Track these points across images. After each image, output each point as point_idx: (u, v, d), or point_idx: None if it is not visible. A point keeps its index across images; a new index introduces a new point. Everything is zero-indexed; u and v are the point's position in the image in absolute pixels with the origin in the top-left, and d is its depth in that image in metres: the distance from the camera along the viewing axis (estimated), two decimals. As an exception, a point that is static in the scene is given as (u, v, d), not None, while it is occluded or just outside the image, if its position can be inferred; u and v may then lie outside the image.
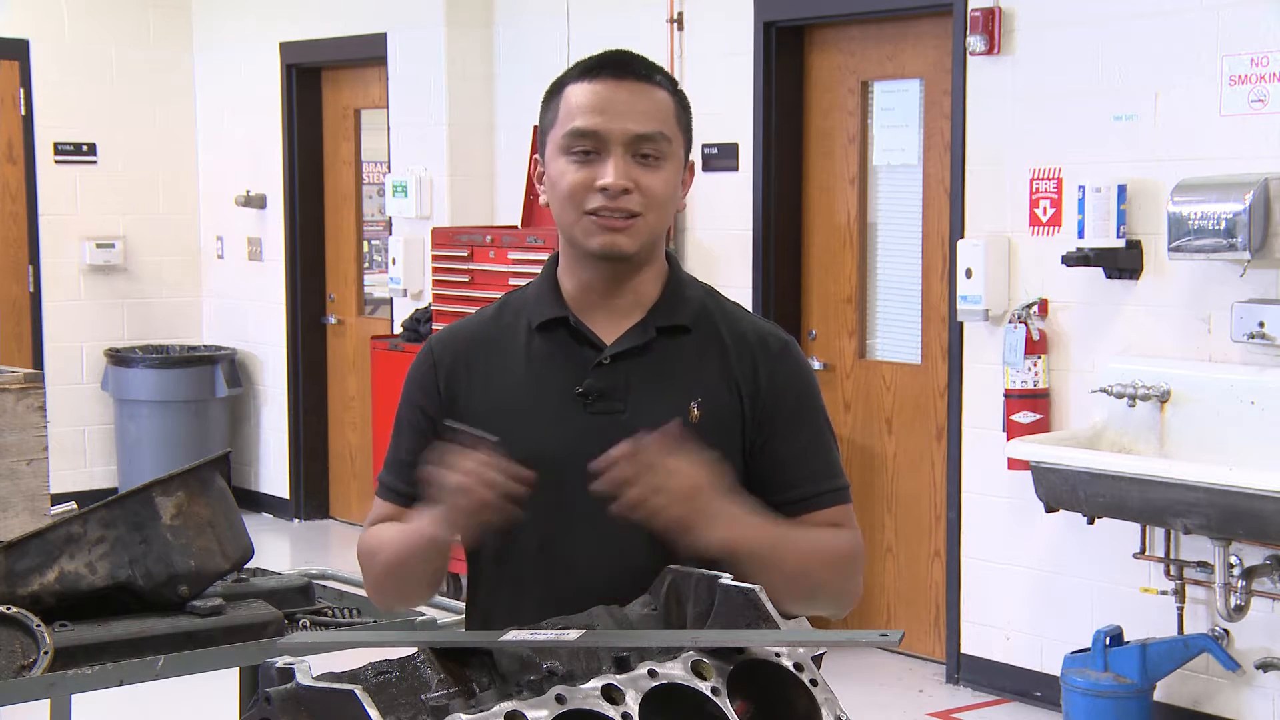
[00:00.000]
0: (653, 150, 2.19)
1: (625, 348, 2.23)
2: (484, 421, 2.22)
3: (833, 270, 6.54)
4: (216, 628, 3.07)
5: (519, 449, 2.19)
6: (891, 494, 6.38)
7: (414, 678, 1.68)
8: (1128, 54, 5.35)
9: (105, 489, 8.45)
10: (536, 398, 2.24)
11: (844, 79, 6.44)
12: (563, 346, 2.25)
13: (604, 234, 2.19)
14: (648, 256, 2.25)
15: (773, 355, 2.28)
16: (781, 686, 1.60)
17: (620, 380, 2.22)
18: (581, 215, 2.19)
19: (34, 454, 4.53)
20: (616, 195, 2.17)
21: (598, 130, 2.17)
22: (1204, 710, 5.29)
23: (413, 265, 7.80)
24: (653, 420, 2.17)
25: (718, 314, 2.30)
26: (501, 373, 2.27)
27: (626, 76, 2.21)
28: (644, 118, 2.19)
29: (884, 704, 5.81)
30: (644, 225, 2.20)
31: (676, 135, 2.23)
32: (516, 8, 7.54)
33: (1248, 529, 4.71)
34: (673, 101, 2.24)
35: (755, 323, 2.34)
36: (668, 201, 2.22)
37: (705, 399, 2.22)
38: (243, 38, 8.92)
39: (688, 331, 2.26)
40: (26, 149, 8.77)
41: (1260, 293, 5.03)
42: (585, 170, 2.18)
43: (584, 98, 2.20)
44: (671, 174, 2.22)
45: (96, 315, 9.01)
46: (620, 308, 2.26)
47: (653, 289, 2.28)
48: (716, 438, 2.20)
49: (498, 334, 2.30)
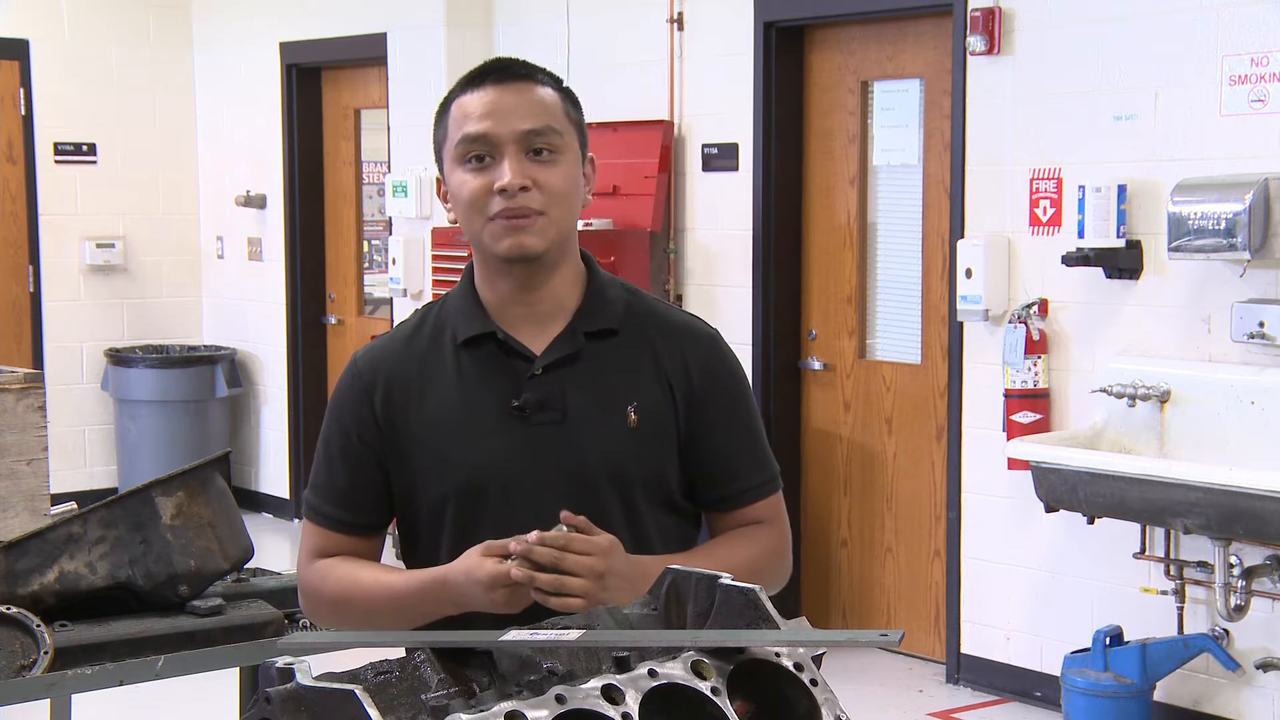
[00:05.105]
0: (545, 144, 2.19)
1: (556, 357, 2.23)
2: (425, 441, 2.23)
3: (833, 270, 6.54)
4: (216, 628, 3.08)
5: (463, 467, 2.21)
6: (891, 494, 6.38)
7: (414, 678, 1.68)
8: (1128, 54, 5.35)
9: (105, 489, 8.45)
10: (474, 414, 2.22)
11: (844, 79, 6.44)
12: (493, 360, 2.24)
13: (509, 235, 2.17)
14: (559, 257, 2.24)
15: (702, 349, 2.29)
16: (781, 686, 1.60)
17: (555, 390, 2.21)
18: (486, 221, 2.19)
19: (34, 454, 4.53)
20: (515, 194, 2.16)
21: (486, 133, 2.18)
22: (1204, 710, 5.29)
23: (413, 265, 7.80)
24: (593, 427, 2.20)
25: (642, 312, 2.29)
26: (436, 391, 2.25)
27: (508, 79, 2.22)
28: (531, 115, 2.19)
29: (884, 704, 5.81)
30: (548, 223, 2.18)
31: (568, 129, 2.22)
32: (516, 8, 7.54)
33: (1248, 529, 4.71)
34: (559, 97, 2.24)
35: (680, 317, 2.34)
36: (569, 196, 2.21)
37: (641, 402, 2.22)
38: (243, 38, 8.92)
39: (615, 334, 2.26)
40: (26, 149, 8.77)
41: (1260, 293, 5.03)
42: (483, 176, 2.18)
43: (470, 106, 2.21)
44: (569, 168, 2.21)
45: (96, 315, 9.01)
46: (543, 315, 2.25)
47: (573, 292, 2.27)
48: (655, 439, 2.22)
49: (424, 350, 2.28)
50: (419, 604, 2.17)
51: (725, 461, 2.28)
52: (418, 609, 2.17)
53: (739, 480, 2.28)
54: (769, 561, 2.28)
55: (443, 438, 2.22)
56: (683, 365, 2.26)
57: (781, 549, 2.32)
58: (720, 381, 2.29)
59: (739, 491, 2.29)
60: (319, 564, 2.30)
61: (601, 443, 2.21)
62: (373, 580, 2.24)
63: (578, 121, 2.26)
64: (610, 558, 2.07)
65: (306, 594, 2.33)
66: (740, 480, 2.28)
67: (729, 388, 2.29)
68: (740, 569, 2.15)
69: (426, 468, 2.24)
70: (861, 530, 6.49)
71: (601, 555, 2.06)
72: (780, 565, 2.32)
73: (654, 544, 2.22)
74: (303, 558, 2.33)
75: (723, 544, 2.28)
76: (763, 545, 2.28)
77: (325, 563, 2.29)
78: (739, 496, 2.29)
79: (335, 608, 2.30)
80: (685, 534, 2.29)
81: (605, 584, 2.05)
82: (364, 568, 2.27)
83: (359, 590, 2.24)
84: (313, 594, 2.32)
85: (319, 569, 2.30)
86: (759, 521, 2.30)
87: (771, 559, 2.29)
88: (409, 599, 2.18)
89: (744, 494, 2.29)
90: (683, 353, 2.26)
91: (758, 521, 2.30)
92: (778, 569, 2.31)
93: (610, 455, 2.21)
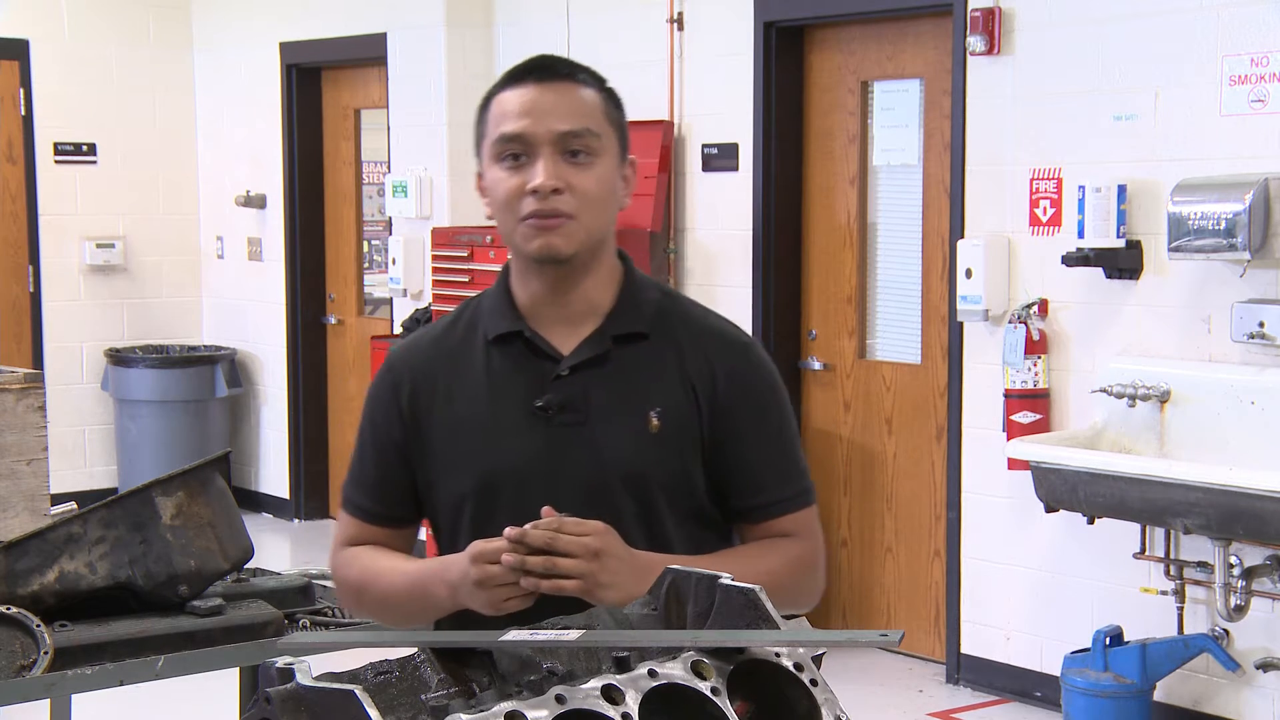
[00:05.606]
0: (582, 147, 2.16)
1: (582, 359, 2.21)
2: (448, 438, 2.23)
3: (833, 270, 6.54)
4: (216, 628, 3.08)
5: (481, 464, 2.21)
6: (891, 494, 6.38)
7: (414, 678, 1.68)
8: (1128, 54, 5.35)
9: (105, 489, 8.45)
10: (498, 413, 2.22)
11: (844, 79, 6.44)
12: (520, 359, 2.23)
13: (539, 236, 2.16)
14: (591, 259, 2.22)
15: (732, 356, 2.25)
16: (781, 686, 1.60)
17: (579, 392, 2.20)
18: (518, 221, 2.17)
19: (34, 454, 4.53)
20: (547, 196, 2.14)
21: (523, 133, 2.16)
22: (1204, 710, 5.29)
23: (413, 265, 7.80)
24: (614, 431, 2.18)
25: (675, 316, 2.27)
26: (463, 387, 2.25)
27: (549, 78, 2.19)
28: (569, 115, 2.16)
29: (884, 704, 5.81)
30: (578, 226, 2.16)
31: (607, 130, 2.20)
32: (516, 8, 7.54)
33: (1248, 529, 4.71)
34: (601, 98, 2.21)
35: (713, 322, 2.30)
36: (604, 200, 2.19)
37: (665, 407, 2.19)
38: (243, 38, 8.92)
39: (645, 338, 2.23)
40: (26, 149, 8.77)
41: (1260, 293, 5.03)
42: (517, 175, 2.16)
43: (510, 104, 2.18)
44: (606, 172, 2.19)
45: (96, 315, 9.01)
46: (574, 316, 2.23)
47: (606, 294, 2.25)
48: (678, 446, 2.20)
49: (455, 346, 2.28)
50: (424, 591, 2.18)
51: (749, 472, 2.23)
52: (425, 596, 2.18)
53: (765, 492, 2.24)
54: (793, 575, 2.22)
55: (465, 435, 2.22)
56: (709, 370, 2.22)
57: (809, 563, 2.26)
58: (748, 389, 2.24)
59: (765, 504, 2.24)
60: (346, 551, 2.33)
61: (620, 446, 2.18)
62: (389, 567, 2.26)
63: (618, 123, 2.23)
64: (605, 537, 2.04)
65: (335, 580, 2.38)
66: (766, 492, 2.24)
67: (757, 396, 2.25)
68: (759, 578, 2.16)
69: (447, 464, 2.24)
70: (861, 530, 6.49)
71: (597, 535, 2.04)
72: (807, 580, 2.25)
73: (676, 552, 2.17)
74: (334, 545, 2.37)
75: (742, 551, 2.24)
76: (786, 557, 2.22)
77: (352, 550, 2.33)
78: (765, 509, 2.24)
79: (357, 594, 2.33)
80: (712, 547, 2.24)
81: (603, 564, 2.02)
82: (384, 556, 2.29)
83: (376, 577, 2.27)
84: (339, 580, 2.36)
85: (345, 556, 2.33)
86: (786, 534, 2.24)
87: (796, 573, 2.23)
88: (417, 585, 2.20)
89: (770, 506, 2.24)
90: (710, 358, 2.23)
91: (784, 534, 2.24)
92: (803, 584, 2.25)
93: (628, 459, 2.18)
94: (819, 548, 2.28)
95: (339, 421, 8.86)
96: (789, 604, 2.22)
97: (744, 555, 2.22)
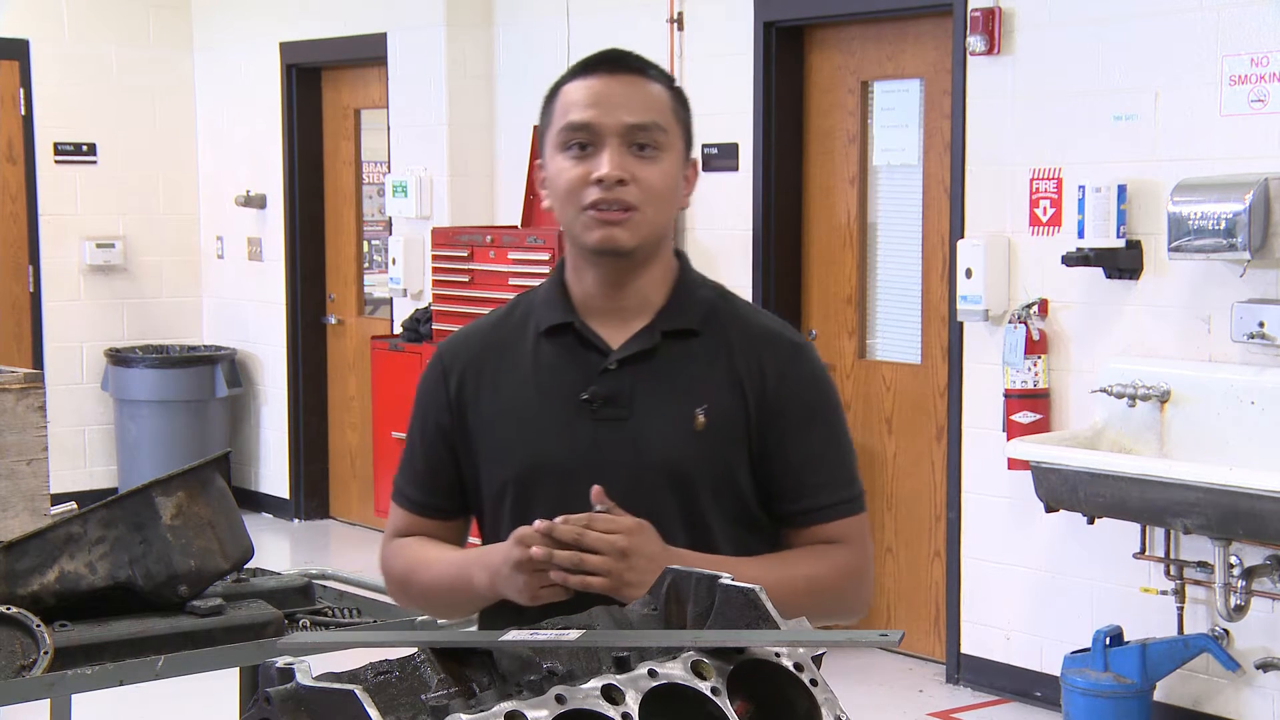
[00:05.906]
0: (649, 141, 2.16)
1: (631, 353, 2.20)
2: (493, 428, 2.23)
3: (833, 270, 6.54)
4: (216, 628, 3.07)
5: (526, 455, 2.20)
6: (891, 494, 6.38)
7: (414, 678, 1.68)
8: (1128, 54, 5.35)
9: (105, 489, 8.46)
10: (543, 404, 2.21)
11: (844, 79, 6.44)
12: (569, 351, 2.22)
13: (601, 228, 2.15)
14: (650, 254, 2.22)
15: (783, 357, 2.23)
16: (781, 686, 1.60)
17: (626, 386, 2.19)
18: (580, 211, 2.16)
19: (34, 454, 4.53)
20: (612, 186, 2.13)
21: (590, 123, 2.15)
22: (1204, 710, 5.29)
23: (413, 265, 7.80)
24: (658, 426, 2.16)
25: (728, 315, 2.26)
26: (510, 378, 2.24)
27: (620, 71, 2.19)
28: (638, 109, 2.16)
29: (884, 704, 5.81)
30: (641, 219, 2.15)
31: (673, 127, 2.19)
32: (516, 8, 7.54)
33: (1248, 529, 4.71)
34: (668, 95, 2.21)
35: (767, 323, 2.29)
36: (667, 195, 2.18)
37: (711, 405, 2.17)
38: (243, 38, 8.92)
39: (696, 335, 2.22)
40: (26, 149, 8.77)
41: (1260, 293, 5.03)
42: (582, 165, 2.15)
43: (578, 94, 2.18)
44: (670, 167, 2.18)
45: (96, 315, 9.01)
46: (627, 311, 2.22)
47: (660, 290, 2.25)
48: (723, 445, 2.17)
49: (506, 337, 2.27)
50: (466, 578, 2.18)
51: (796, 475, 2.20)
52: (467, 584, 2.18)
53: (811, 496, 2.20)
54: (837, 582, 2.19)
55: (510, 426, 2.22)
56: (759, 370, 2.20)
57: (856, 571, 2.22)
58: (798, 392, 2.21)
59: (811, 508, 2.20)
60: (394, 543, 2.34)
61: (663, 442, 2.16)
62: (435, 557, 2.27)
63: (685, 122, 2.23)
64: (636, 537, 2.03)
65: (383, 571, 2.38)
66: (812, 496, 2.21)
67: (807, 399, 2.22)
68: (799, 584, 2.13)
69: (491, 453, 2.24)
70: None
71: (626, 534, 2.02)
72: (854, 589, 2.22)
73: (721, 554, 2.14)
74: (384, 538, 2.37)
75: (785, 556, 2.20)
76: (831, 564, 2.20)
77: (399, 541, 2.33)
78: (811, 514, 2.21)
79: (403, 584, 2.33)
80: (759, 551, 2.21)
81: (630, 564, 2.00)
82: (431, 547, 2.29)
83: (423, 566, 2.28)
84: (386, 571, 2.35)
85: (393, 547, 2.34)
86: (833, 541, 2.21)
87: (840, 580, 2.20)
88: (459, 573, 2.20)
89: (816, 512, 2.21)
90: (761, 358, 2.21)
91: (831, 541, 2.21)
92: (849, 592, 2.21)
93: (671, 456, 2.16)
94: (867, 556, 2.25)
95: (339, 421, 8.86)
96: (833, 612, 2.21)
97: (786, 560, 2.19)
